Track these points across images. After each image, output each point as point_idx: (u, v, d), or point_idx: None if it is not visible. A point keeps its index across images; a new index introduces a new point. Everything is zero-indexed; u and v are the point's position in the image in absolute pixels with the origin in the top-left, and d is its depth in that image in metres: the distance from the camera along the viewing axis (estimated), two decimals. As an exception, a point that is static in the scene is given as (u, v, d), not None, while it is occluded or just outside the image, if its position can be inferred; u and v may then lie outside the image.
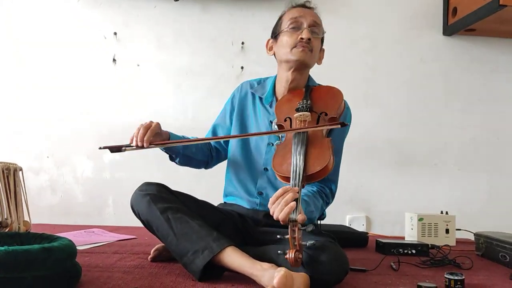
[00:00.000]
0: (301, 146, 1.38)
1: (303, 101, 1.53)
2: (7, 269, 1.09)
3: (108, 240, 2.05)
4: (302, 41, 1.57)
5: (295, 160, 1.35)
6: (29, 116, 2.65)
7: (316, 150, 1.39)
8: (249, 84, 1.78)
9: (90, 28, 2.69)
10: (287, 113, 1.54)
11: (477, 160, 2.79)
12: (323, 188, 1.56)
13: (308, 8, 1.66)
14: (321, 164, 1.34)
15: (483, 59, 2.81)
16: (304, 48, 1.57)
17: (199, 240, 1.35)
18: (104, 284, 1.28)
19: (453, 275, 1.42)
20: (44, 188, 2.64)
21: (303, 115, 1.48)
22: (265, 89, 1.72)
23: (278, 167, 1.41)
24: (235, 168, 1.73)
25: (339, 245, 1.44)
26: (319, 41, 1.64)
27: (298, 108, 1.52)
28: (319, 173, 1.34)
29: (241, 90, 1.79)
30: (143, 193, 1.48)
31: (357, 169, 2.71)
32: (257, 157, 1.67)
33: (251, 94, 1.75)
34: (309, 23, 1.59)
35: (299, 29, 1.59)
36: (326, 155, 1.36)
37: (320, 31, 1.63)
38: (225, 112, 1.81)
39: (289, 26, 1.60)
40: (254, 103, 1.73)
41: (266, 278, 1.22)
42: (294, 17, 1.60)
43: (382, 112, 2.76)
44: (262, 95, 1.71)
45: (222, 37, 2.73)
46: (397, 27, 2.80)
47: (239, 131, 1.72)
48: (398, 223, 2.61)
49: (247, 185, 1.68)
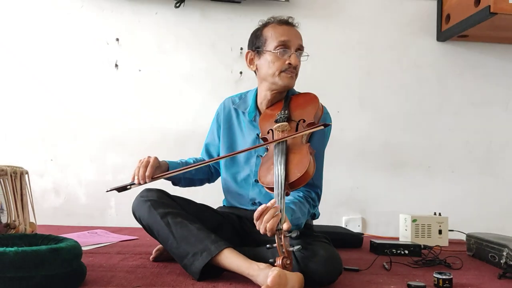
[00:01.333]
0: (281, 156, 1.45)
1: (281, 112, 1.61)
2: (17, 269, 1.15)
3: (111, 241, 2.11)
4: (291, 67, 1.60)
5: (276, 170, 1.42)
6: (33, 120, 2.72)
7: (296, 157, 1.45)
8: (231, 100, 1.82)
9: (93, 34, 2.75)
10: (269, 126, 1.61)
11: (470, 163, 2.85)
12: (309, 193, 1.60)
13: (293, 27, 1.66)
14: (301, 170, 1.40)
15: (476, 64, 2.88)
16: (292, 74, 1.62)
17: (198, 242, 1.41)
18: (108, 283, 1.34)
19: (442, 274, 1.47)
20: (48, 191, 2.70)
21: (281, 125, 1.55)
22: (247, 103, 1.75)
23: (263, 179, 1.47)
24: (227, 183, 1.78)
25: (332, 246, 1.50)
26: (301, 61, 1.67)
27: (277, 119, 1.59)
28: (300, 179, 1.40)
29: (224, 107, 1.82)
30: (144, 199, 1.53)
31: (353, 171, 2.77)
32: (247, 170, 1.72)
33: (234, 110, 1.79)
34: (296, 47, 1.62)
35: (286, 53, 1.61)
36: (305, 161, 1.42)
37: (304, 54, 1.66)
38: (212, 130, 1.86)
39: (277, 49, 1.60)
40: (239, 119, 1.78)
41: (261, 278, 1.27)
42: (282, 41, 1.60)
43: (377, 115, 2.82)
44: (245, 110, 1.75)
45: (221, 42, 2.79)
46: (392, 33, 2.86)
47: (228, 146, 1.77)
48: (392, 224, 2.67)
49: (240, 197, 1.74)
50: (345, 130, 2.75)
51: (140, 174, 1.55)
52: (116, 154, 2.74)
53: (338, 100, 1.70)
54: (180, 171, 1.60)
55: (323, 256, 1.37)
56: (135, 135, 2.74)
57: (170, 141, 2.74)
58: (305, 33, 2.64)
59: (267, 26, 1.67)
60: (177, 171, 1.61)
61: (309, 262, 1.36)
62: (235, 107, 1.79)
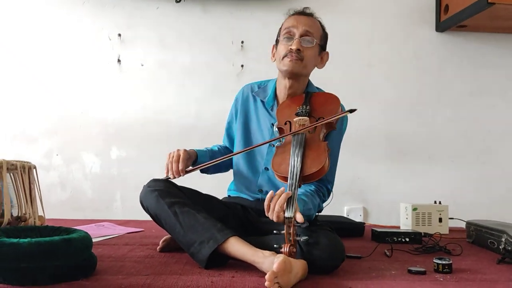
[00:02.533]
0: (299, 148, 1.48)
1: (303, 106, 1.64)
2: (30, 259, 1.19)
3: (118, 233, 2.15)
4: (292, 51, 1.64)
5: (293, 161, 1.45)
6: (38, 116, 2.76)
7: (313, 152, 1.49)
8: (250, 87, 1.86)
9: (96, 30, 2.78)
10: (287, 117, 1.64)
11: (469, 152, 2.88)
12: (320, 187, 1.65)
13: (305, 15, 1.71)
14: (317, 166, 1.44)
15: (475, 54, 2.89)
16: (293, 58, 1.64)
17: (204, 231, 1.44)
18: (118, 272, 1.38)
19: (441, 260, 1.51)
20: (54, 185, 2.75)
21: (302, 119, 1.59)
22: (267, 92, 1.80)
23: (277, 167, 1.51)
24: (238, 167, 1.83)
25: (336, 234, 1.54)
26: (312, 49, 1.68)
27: (298, 112, 1.62)
28: (314, 174, 1.45)
29: (242, 93, 1.87)
30: (151, 189, 1.57)
31: (354, 161, 2.80)
32: (258, 157, 1.76)
33: (253, 97, 1.83)
34: (301, 32, 1.65)
35: (291, 39, 1.66)
36: (322, 157, 1.46)
37: (312, 40, 1.67)
38: (231, 115, 1.91)
39: (283, 36, 1.68)
40: (256, 106, 1.82)
41: (267, 265, 1.31)
42: (287, 27, 1.68)
43: (377, 106, 2.85)
44: (264, 99, 1.79)
45: (222, 36, 2.82)
46: (391, 24, 2.88)
47: (243, 132, 1.82)
48: (393, 213, 2.71)
49: (248, 183, 1.79)
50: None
51: (174, 169, 1.61)
52: (120, 148, 2.78)
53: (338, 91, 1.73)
54: (211, 163, 1.66)
55: (326, 244, 1.41)
56: (139, 129, 2.78)
57: (173, 135, 2.77)
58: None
59: (287, 16, 1.74)
60: (208, 164, 1.67)
61: (313, 250, 1.39)
62: (254, 95, 1.82)
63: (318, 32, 1.72)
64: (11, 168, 1.52)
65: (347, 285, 1.30)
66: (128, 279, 1.29)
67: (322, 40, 1.75)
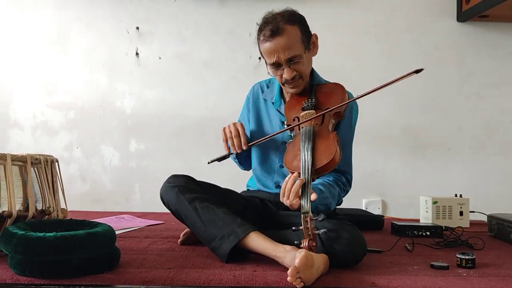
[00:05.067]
0: (308, 142, 1.48)
1: (308, 100, 1.63)
2: (56, 252, 1.22)
3: (138, 226, 2.18)
4: (288, 81, 1.61)
5: (303, 156, 1.45)
6: (59, 109, 2.80)
7: (323, 144, 1.48)
8: (260, 86, 1.86)
9: (114, 24, 2.80)
10: (295, 113, 1.64)
11: (491, 144, 2.84)
12: (339, 177, 1.65)
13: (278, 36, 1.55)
14: (328, 157, 1.43)
15: (496, 44, 2.84)
16: (293, 84, 1.63)
17: (224, 226, 1.45)
18: (141, 265, 1.39)
19: (465, 254, 1.50)
20: (74, 178, 2.79)
21: (308, 113, 1.58)
22: (273, 93, 1.79)
23: (289, 164, 1.51)
24: (255, 166, 1.83)
25: (357, 228, 1.54)
26: (303, 61, 1.59)
27: (304, 107, 1.62)
28: (326, 166, 1.43)
29: (253, 93, 1.87)
30: (171, 185, 1.58)
31: (373, 154, 2.79)
32: (272, 155, 1.77)
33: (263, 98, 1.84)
34: (286, 59, 1.56)
35: (279, 67, 1.59)
36: (332, 148, 1.45)
37: (299, 56, 1.58)
38: (243, 115, 1.91)
39: (271, 68, 1.62)
40: (266, 105, 1.82)
41: (288, 259, 1.31)
42: (271, 62, 1.59)
43: (396, 98, 2.82)
44: (272, 100, 1.79)
45: (239, 29, 2.81)
46: (411, 15, 2.84)
47: (256, 131, 1.82)
48: (412, 206, 2.70)
49: (265, 180, 1.80)
50: (364, 113, 2.71)
51: (236, 144, 1.63)
52: (138, 141, 2.81)
53: (356, 84, 1.72)
54: (268, 138, 1.66)
55: (348, 238, 1.40)
56: (157, 122, 2.80)
57: (191, 127, 2.79)
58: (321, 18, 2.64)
59: (259, 40, 1.62)
60: (266, 138, 1.66)
61: (334, 244, 1.39)
62: (263, 97, 1.83)
63: (298, 41, 1.58)
64: (35, 162, 1.54)
65: (369, 280, 1.29)
66: (151, 272, 1.30)
67: (304, 40, 1.61)
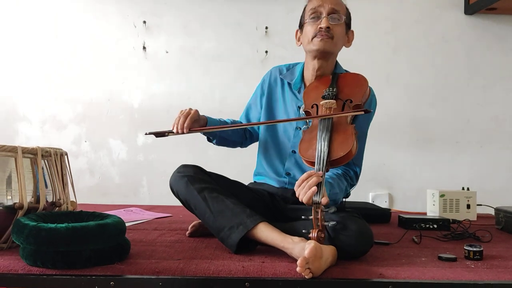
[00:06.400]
0: (325, 133, 1.47)
1: (329, 89, 1.61)
2: (67, 243, 1.23)
3: (146, 218, 2.19)
4: (321, 30, 1.62)
5: (319, 146, 1.45)
6: (67, 103, 2.81)
7: (340, 136, 1.47)
8: (278, 69, 1.85)
9: (121, 18, 2.81)
10: (314, 100, 1.62)
11: (499, 137, 2.83)
12: (347, 171, 1.65)
13: None
14: (345, 150, 1.43)
15: (505, 37, 2.82)
16: (323, 37, 1.62)
17: (234, 217, 1.46)
18: (151, 256, 1.40)
19: (472, 247, 1.49)
20: (83, 171, 2.81)
21: (328, 102, 1.57)
22: (294, 75, 1.78)
23: (304, 152, 1.50)
24: (265, 150, 1.83)
25: (364, 220, 1.54)
26: (341, 27, 1.67)
27: (325, 95, 1.60)
28: (342, 158, 1.43)
29: (270, 75, 1.86)
30: (181, 175, 1.58)
31: (380, 147, 2.78)
32: (285, 140, 1.76)
33: (280, 79, 1.82)
34: (328, 11, 1.63)
35: (319, 19, 1.64)
36: (350, 141, 1.44)
37: (340, 17, 1.66)
38: (256, 96, 1.89)
39: (310, 17, 1.66)
40: (283, 89, 1.81)
41: (297, 250, 1.32)
42: (313, 8, 1.65)
43: (404, 91, 2.81)
44: (291, 81, 1.77)
45: (246, 22, 2.81)
46: (418, 7, 2.83)
47: (268, 114, 1.81)
48: (419, 199, 2.70)
49: (275, 166, 1.78)
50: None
51: (179, 123, 1.59)
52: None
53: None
54: (218, 128, 1.66)
55: (355, 230, 1.41)
56: (164, 115, 2.80)
57: (198, 121, 2.79)
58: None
59: (307, 4, 1.71)
60: (214, 128, 1.67)
61: (341, 236, 1.40)
62: (281, 77, 1.82)
63: (344, 9, 1.70)
64: (46, 155, 1.56)
65: (377, 271, 1.30)
66: (161, 263, 1.31)
67: (348, 17, 1.73)
